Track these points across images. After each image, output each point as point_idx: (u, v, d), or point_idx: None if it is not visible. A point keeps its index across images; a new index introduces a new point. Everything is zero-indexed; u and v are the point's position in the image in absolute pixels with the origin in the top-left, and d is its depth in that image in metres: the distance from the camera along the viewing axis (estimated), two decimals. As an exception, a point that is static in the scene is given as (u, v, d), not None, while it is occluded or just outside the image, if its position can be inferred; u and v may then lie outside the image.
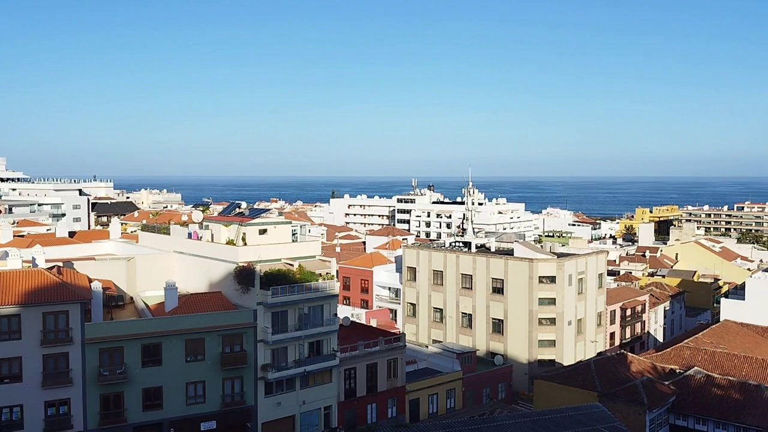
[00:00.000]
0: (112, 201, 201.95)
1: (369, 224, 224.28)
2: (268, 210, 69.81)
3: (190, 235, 61.09)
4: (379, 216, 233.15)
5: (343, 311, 72.92)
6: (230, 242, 57.31)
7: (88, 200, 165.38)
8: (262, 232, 57.63)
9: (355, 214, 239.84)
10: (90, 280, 51.81)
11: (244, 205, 66.50)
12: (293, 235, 60.66)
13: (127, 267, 58.15)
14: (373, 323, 77.13)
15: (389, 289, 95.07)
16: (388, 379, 61.06)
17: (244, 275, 53.17)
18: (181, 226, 64.73)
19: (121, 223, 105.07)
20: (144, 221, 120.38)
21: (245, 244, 56.41)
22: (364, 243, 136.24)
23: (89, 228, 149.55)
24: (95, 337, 47.44)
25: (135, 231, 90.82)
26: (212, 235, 59.63)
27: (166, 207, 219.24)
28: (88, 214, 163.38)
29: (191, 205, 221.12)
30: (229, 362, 51.40)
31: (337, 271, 62.71)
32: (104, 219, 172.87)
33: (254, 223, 57.76)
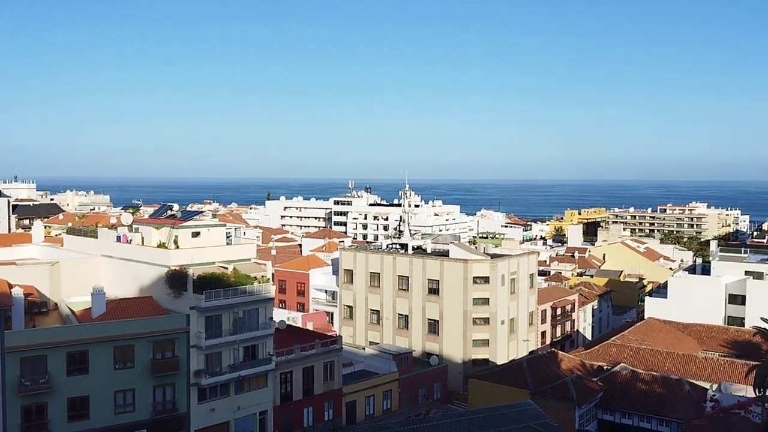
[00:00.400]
0: (35, 203, 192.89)
1: (305, 227, 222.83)
2: (202, 212, 68.33)
3: (119, 239, 59.07)
4: (316, 218, 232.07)
5: (279, 315, 72.06)
6: (162, 245, 55.75)
7: (8, 202, 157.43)
8: (195, 234, 56.31)
9: (291, 217, 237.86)
10: (10, 286, 49.30)
11: (176, 207, 64.85)
12: (227, 237, 59.55)
13: (50, 272, 55.64)
14: (310, 326, 76.64)
15: (326, 291, 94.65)
16: (324, 382, 60.79)
17: (176, 279, 51.81)
18: (110, 229, 62.57)
19: (45, 226, 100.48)
20: (69, 224, 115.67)
21: (177, 247, 54.98)
22: (300, 245, 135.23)
23: (9, 231, 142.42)
24: (16, 345, 45.21)
25: (60, 234, 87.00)
26: (142, 238, 57.84)
27: (94, 209, 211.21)
28: (9, 216, 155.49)
29: (120, 208, 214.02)
30: (160, 369, 49.94)
31: (272, 274, 62.01)
32: (26, 222, 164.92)
33: (187, 225, 56.38)
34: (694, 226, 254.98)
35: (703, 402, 50.68)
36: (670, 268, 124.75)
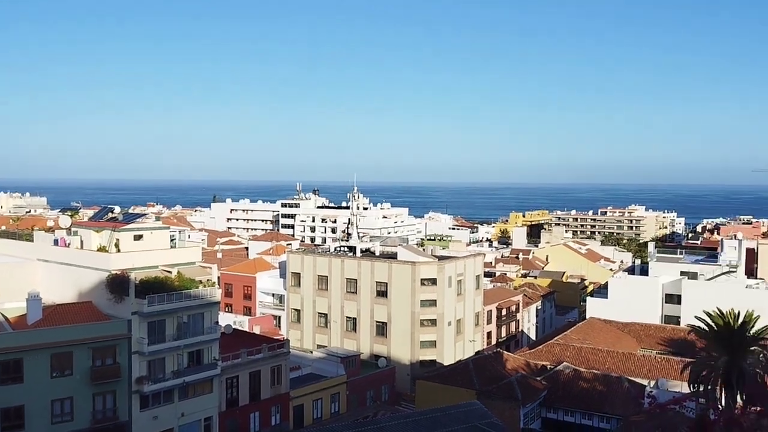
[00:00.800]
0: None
1: (252, 229, 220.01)
2: (144, 215, 66.70)
3: (56, 242, 57.02)
4: (263, 221, 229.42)
5: (225, 319, 70.94)
6: (102, 249, 54.11)
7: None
8: (138, 237, 54.90)
9: (237, 219, 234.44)
10: (-62, 292, 47.00)
11: (117, 209, 63.00)
12: (171, 240, 58.30)
13: (-18, 277, 53.27)
14: (257, 330, 75.69)
15: (273, 295, 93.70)
16: (271, 387, 60.13)
17: (117, 284, 50.38)
18: (47, 232, 60.36)
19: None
20: (3, 227, 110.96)
21: (119, 251, 53.47)
22: (246, 248, 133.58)
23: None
24: (-56, 354, 43.10)
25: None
26: (82, 241, 55.99)
27: (29, 212, 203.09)
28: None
29: (58, 210, 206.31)
30: (100, 376, 48.43)
31: (218, 277, 61.05)
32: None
33: (128, 228, 54.90)
34: (633, 228, 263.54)
35: (641, 398, 52.39)
36: (611, 269, 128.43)
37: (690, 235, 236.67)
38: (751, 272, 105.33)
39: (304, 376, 66.33)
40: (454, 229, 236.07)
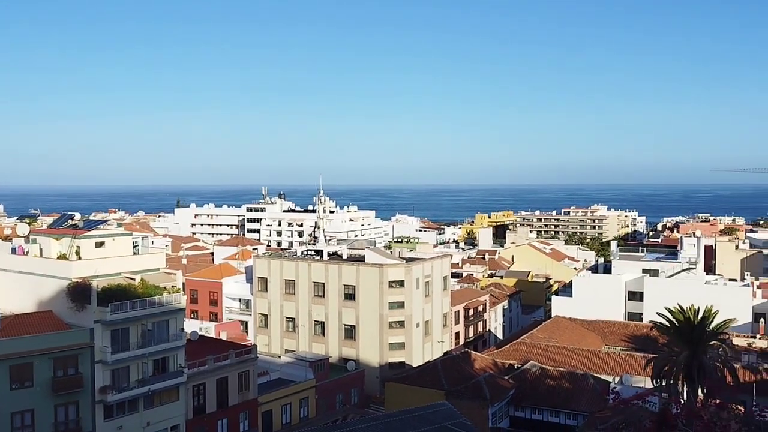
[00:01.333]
0: None
1: (217, 234, 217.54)
2: (106, 221, 65.33)
3: (14, 250, 55.47)
4: (228, 226, 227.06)
5: (191, 325, 69.89)
6: (62, 256, 52.87)
7: None
8: (99, 244, 53.78)
9: (202, 224, 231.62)
10: None
11: (78, 216, 61.64)
12: (134, 247, 57.26)
13: (-64, 288, 51.58)
14: (223, 336, 74.84)
15: (240, 300, 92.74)
16: (239, 393, 59.48)
17: (79, 292, 49.25)
18: (4, 241, 58.66)
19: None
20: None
21: (80, 259, 52.31)
22: (212, 254, 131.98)
23: None
24: None
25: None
26: (41, 249, 54.60)
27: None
28: None
29: (16, 217, 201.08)
30: (62, 387, 47.27)
31: (183, 283, 60.10)
32: None
33: (90, 235, 53.75)
34: (596, 227, 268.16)
35: (606, 394, 53.29)
36: (575, 268, 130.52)
37: (651, 233, 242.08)
38: (709, 269, 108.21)
39: (272, 381, 65.78)
40: (421, 231, 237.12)
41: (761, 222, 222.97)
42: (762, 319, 76.26)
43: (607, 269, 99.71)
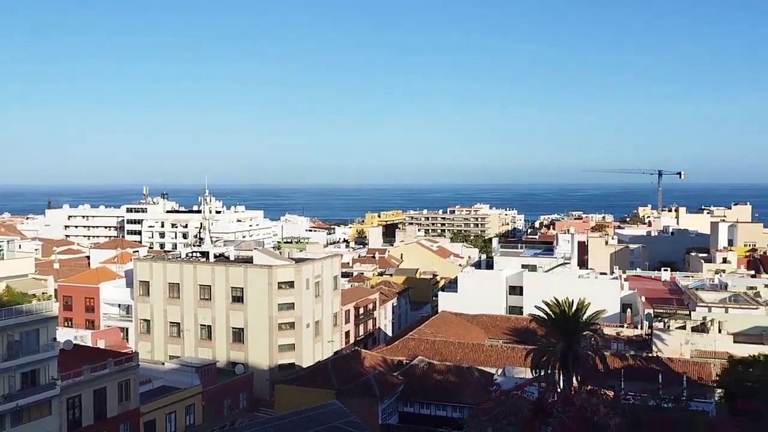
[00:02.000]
0: None
1: (94, 237, 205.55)
2: (-35, 224, 59.95)
3: None
4: (106, 227, 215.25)
5: (65, 334, 65.53)
6: None
7: None
8: (-43, 249, 49.27)
9: (77, 227, 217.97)
10: None
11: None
12: (-2, 251, 52.98)
13: None
14: (101, 344, 70.86)
15: (119, 306, 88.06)
16: (119, 403, 56.52)
17: (-67, 302, 44.88)
18: None
19: None
20: None
21: (-67, 265, 47.69)
22: (88, 257, 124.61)
23: None
24: None
25: None
26: None
27: None
28: None
29: None
30: None
31: (55, 289, 56.40)
32: None
33: (-55, 239, 49.10)
34: (479, 225, 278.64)
35: (490, 386, 55.50)
36: (460, 265, 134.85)
37: (529, 230, 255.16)
38: (582, 263, 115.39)
39: (155, 389, 63.05)
40: (311, 231, 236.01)
41: (628, 219, 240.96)
42: (629, 310, 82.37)
43: (490, 265, 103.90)
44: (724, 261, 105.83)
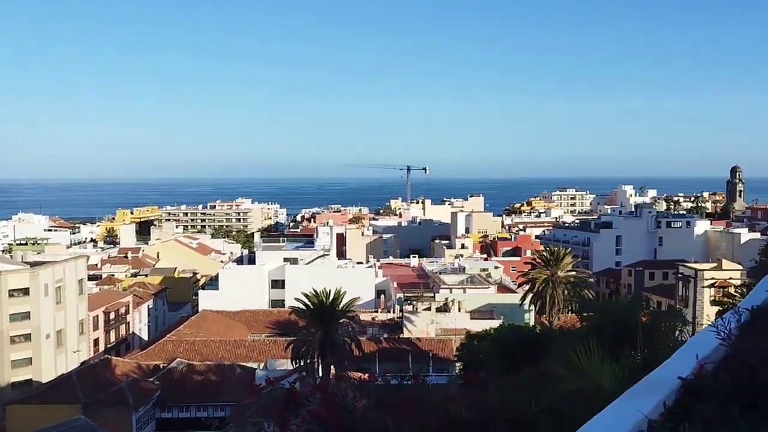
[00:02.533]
0: None
1: None
2: None
3: None
4: None
5: None
6: None
7: None
8: None
9: None
10: None
11: None
12: None
13: None
14: None
15: None
16: None
17: None
18: None
19: None
20: None
21: None
22: None
23: None
24: None
25: None
26: None
27: None
28: None
29: None
30: None
31: None
32: None
33: None
34: (241, 220, 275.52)
35: (253, 381, 55.24)
36: (221, 261, 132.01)
37: (292, 224, 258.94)
38: (341, 254, 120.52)
39: None
40: (51, 230, 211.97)
41: (381, 211, 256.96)
42: (382, 295, 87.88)
43: (252, 260, 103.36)
44: (463, 247, 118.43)
